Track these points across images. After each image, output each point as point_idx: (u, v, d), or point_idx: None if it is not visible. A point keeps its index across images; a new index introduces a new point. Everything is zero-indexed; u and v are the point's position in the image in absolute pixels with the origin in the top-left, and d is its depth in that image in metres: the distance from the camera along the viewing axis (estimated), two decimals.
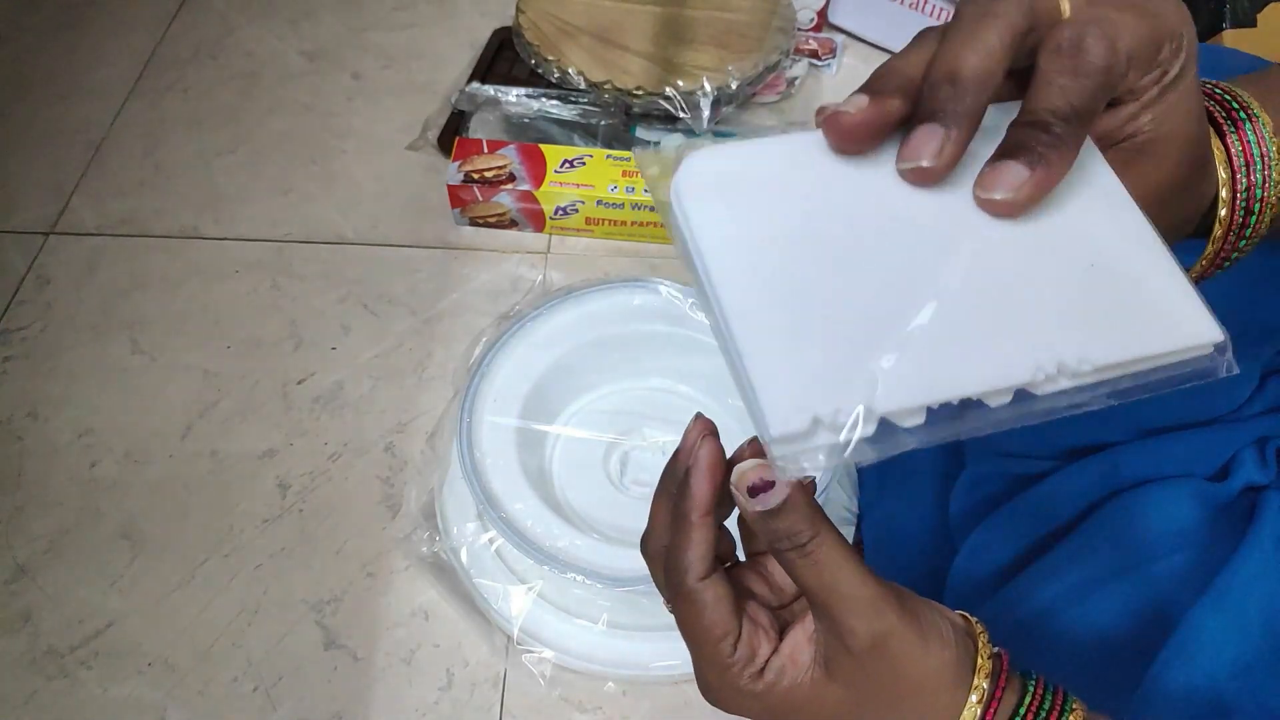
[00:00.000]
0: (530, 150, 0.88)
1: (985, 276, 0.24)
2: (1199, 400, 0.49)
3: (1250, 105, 0.32)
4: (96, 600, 0.66)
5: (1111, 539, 0.46)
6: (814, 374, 0.23)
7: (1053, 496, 0.50)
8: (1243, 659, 0.39)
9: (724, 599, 0.31)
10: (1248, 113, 0.31)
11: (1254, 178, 0.31)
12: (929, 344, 0.23)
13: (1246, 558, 0.41)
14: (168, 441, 0.74)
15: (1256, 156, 0.31)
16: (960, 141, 0.25)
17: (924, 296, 0.23)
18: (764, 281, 0.24)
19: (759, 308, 0.23)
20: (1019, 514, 0.51)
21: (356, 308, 0.83)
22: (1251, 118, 0.31)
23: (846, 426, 0.22)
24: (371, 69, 1.06)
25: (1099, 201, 0.26)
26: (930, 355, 0.23)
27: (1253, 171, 0.31)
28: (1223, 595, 0.41)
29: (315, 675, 0.63)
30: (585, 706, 0.62)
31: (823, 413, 0.22)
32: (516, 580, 0.64)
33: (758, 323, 0.23)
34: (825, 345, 0.23)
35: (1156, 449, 0.49)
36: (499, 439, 0.64)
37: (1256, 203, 0.31)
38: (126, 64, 1.04)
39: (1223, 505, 0.46)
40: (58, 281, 0.84)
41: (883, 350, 0.23)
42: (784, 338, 0.23)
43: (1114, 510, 0.47)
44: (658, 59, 0.92)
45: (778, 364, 0.23)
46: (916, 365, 0.23)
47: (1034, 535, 0.49)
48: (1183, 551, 0.44)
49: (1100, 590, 0.44)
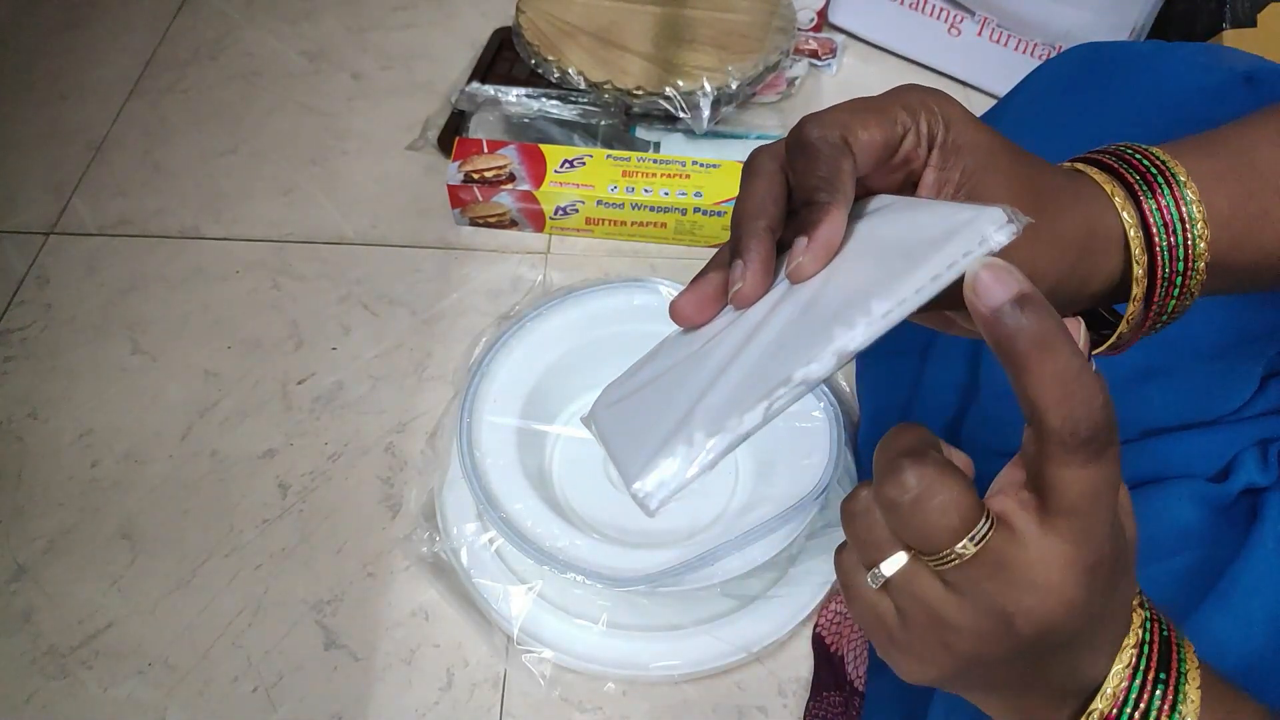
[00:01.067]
0: (530, 150, 0.88)
1: (792, 309, 0.28)
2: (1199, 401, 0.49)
3: (1170, 169, 0.31)
4: (96, 600, 0.66)
5: None
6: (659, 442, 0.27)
7: None
8: (1247, 661, 0.39)
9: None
10: (1166, 177, 0.31)
11: (1174, 239, 0.30)
12: (747, 368, 0.27)
13: (1250, 559, 0.41)
14: (168, 441, 0.74)
15: (1176, 222, 0.31)
16: (755, 267, 0.29)
17: (735, 349, 0.28)
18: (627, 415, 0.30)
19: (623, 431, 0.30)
20: None
21: (356, 308, 0.83)
22: (1172, 182, 0.31)
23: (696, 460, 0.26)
24: (371, 69, 1.06)
25: (881, 215, 0.29)
26: (748, 373, 0.27)
27: (1171, 234, 0.30)
28: (1226, 597, 0.41)
29: (315, 675, 0.63)
30: (585, 706, 0.62)
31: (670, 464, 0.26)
32: (516, 580, 0.64)
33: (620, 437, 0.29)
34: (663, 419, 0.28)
35: (1156, 450, 0.49)
36: (499, 439, 0.64)
37: (1180, 262, 0.31)
38: (127, 64, 1.04)
39: (1223, 506, 0.46)
40: (58, 281, 0.84)
41: (704, 394, 0.27)
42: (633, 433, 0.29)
43: None
44: (658, 59, 0.92)
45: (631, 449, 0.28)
46: (733, 389, 0.27)
47: None
48: (1184, 553, 0.44)
49: None
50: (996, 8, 1.00)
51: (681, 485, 0.26)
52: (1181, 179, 0.31)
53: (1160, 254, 0.31)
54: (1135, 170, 0.31)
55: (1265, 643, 0.40)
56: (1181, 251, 0.31)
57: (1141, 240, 0.30)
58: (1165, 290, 0.31)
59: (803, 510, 0.59)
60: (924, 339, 0.68)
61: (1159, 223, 0.30)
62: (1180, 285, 0.31)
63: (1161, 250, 0.31)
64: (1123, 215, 0.31)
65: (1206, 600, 0.41)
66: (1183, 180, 0.31)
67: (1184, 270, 0.31)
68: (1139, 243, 0.30)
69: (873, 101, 0.30)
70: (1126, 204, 0.31)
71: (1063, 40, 0.98)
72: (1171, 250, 0.31)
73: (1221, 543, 0.43)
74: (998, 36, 1.02)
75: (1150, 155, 0.32)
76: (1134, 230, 0.30)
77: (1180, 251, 0.31)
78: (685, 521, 0.65)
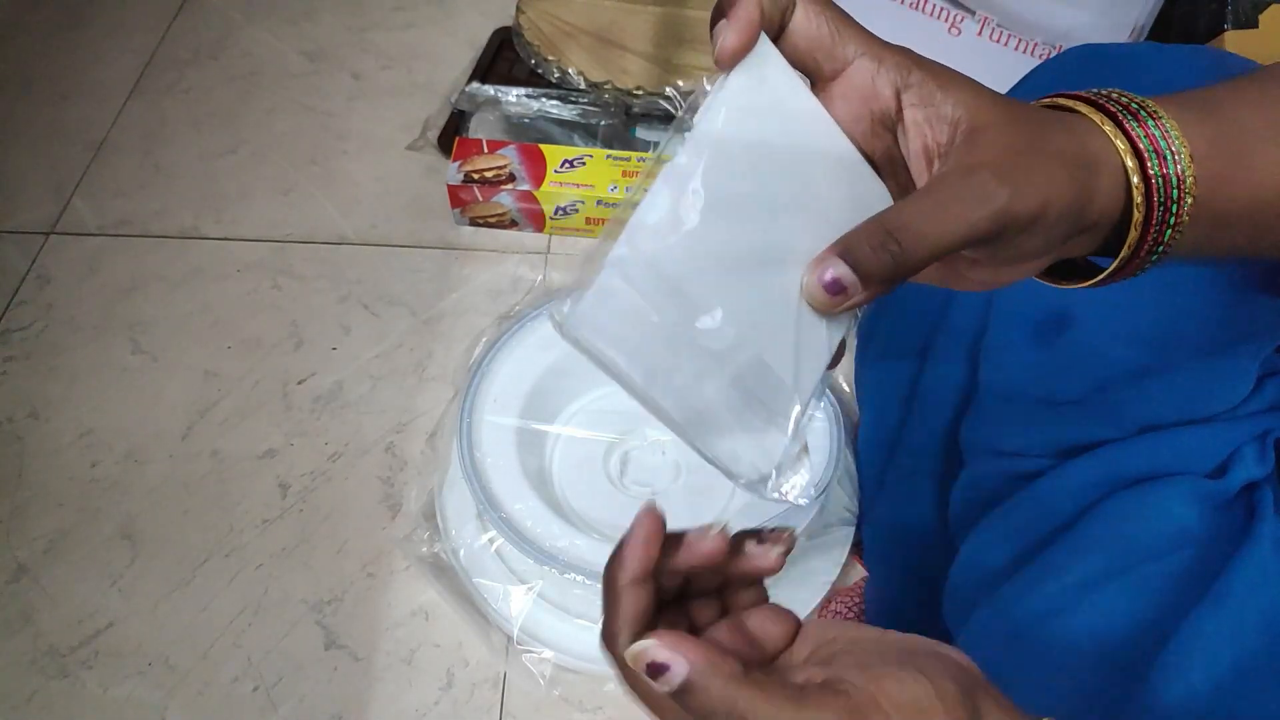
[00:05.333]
0: (530, 150, 0.88)
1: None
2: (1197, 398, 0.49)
3: (1150, 106, 0.31)
4: (97, 600, 0.66)
5: (1109, 538, 0.45)
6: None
7: (1051, 495, 0.50)
8: (1241, 662, 0.39)
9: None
10: (1148, 111, 0.31)
11: (1167, 170, 0.30)
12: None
13: (1246, 559, 0.41)
14: (168, 441, 0.74)
15: (1165, 150, 0.31)
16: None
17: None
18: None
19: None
20: (1017, 513, 0.51)
21: (356, 308, 0.83)
22: (1154, 116, 0.31)
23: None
24: (371, 69, 1.06)
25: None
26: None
27: (1164, 164, 0.30)
28: (1222, 598, 0.41)
29: (315, 675, 0.63)
30: (585, 706, 0.62)
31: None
32: (516, 580, 0.64)
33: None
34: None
35: (1154, 446, 0.48)
36: (499, 439, 0.64)
37: (1174, 189, 0.31)
38: (127, 64, 1.04)
39: (1221, 503, 0.46)
40: (58, 281, 0.84)
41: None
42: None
43: (1112, 509, 0.47)
44: (658, 59, 0.92)
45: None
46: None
47: (1032, 534, 0.49)
48: (1181, 551, 0.44)
49: (1099, 590, 0.44)
50: (997, 8, 1.00)
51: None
52: (1160, 113, 0.31)
53: (1155, 181, 0.30)
54: (1116, 104, 0.32)
55: (1259, 644, 0.40)
56: (1174, 180, 0.31)
57: (1137, 166, 0.30)
58: (1161, 217, 0.31)
59: (803, 511, 0.59)
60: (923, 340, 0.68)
61: (1149, 149, 0.30)
62: (1175, 214, 0.31)
63: (1155, 178, 0.30)
64: (1115, 143, 0.31)
65: (1201, 601, 0.41)
66: (1161, 114, 0.31)
67: (1177, 198, 0.31)
68: (1136, 170, 0.30)
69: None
70: (1117, 133, 0.31)
71: (1063, 40, 0.98)
72: (1165, 180, 0.31)
73: (1218, 541, 0.43)
74: (998, 36, 1.02)
75: (1126, 94, 0.32)
76: (1129, 158, 0.30)
77: (1173, 180, 0.31)
78: (684, 522, 0.65)
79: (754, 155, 0.27)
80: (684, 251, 0.26)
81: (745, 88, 0.27)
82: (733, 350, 0.27)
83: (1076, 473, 0.49)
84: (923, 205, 0.27)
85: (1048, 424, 0.52)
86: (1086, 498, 0.48)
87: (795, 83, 0.29)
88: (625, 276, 0.25)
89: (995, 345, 0.53)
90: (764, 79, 0.28)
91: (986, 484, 0.55)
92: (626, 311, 0.26)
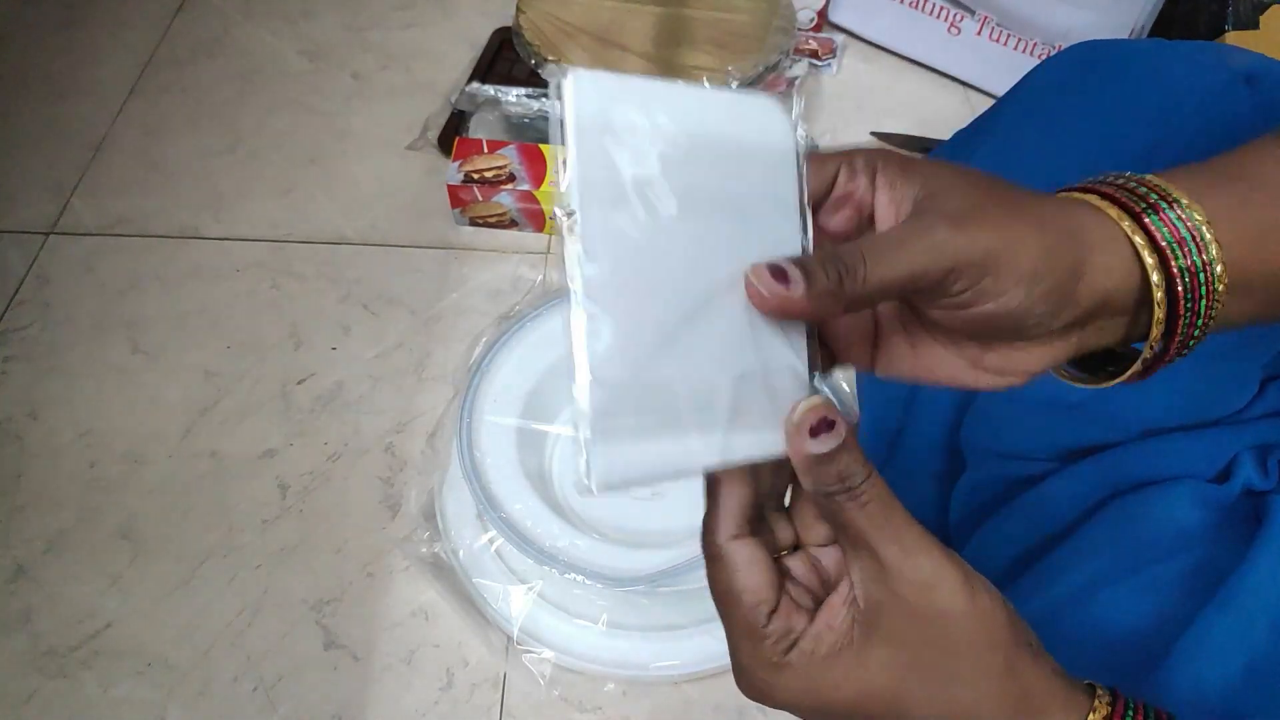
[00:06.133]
0: (530, 150, 0.88)
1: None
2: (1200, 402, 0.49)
3: (1165, 189, 0.29)
4: (96, 600, 0.66)
5: (1114, 540, 0.45)
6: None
7: (1053, 498, 0.50)
8: (1250, 663, 0.39)
9: (758, 563, 0.29)
10: (1165, 199, 0.29)
11: (1191, 260, 0.28)
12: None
13: (1256, 561, 0.41)
14: (168, 441, 0.74)
15: (1187, 238, 0.29)
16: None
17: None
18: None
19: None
20: (1019, 516, 0.51)
21: (356, 308, 0.83)
22: (1171, 203, 0.29)
23: None
24: (371, 69, 1.06)
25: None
26: None
27: (1188, 254, 0.29)
28: (1230, 599, 0.40)
29: (315, 675, 0.63)
30: (585, 706, 0.62)
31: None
32: (516, 580, 0.64)
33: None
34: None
35: (1156, 450, 0.48)
36: (499, 439, 0.64)
37: (1202, 287, 0.29)
38: (126, 63, 1.04)
39: (1225, 507, 0.46)
40: (57, 281, 0.84)
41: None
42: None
43: (1116, 512, 0.47)
44: (658, 59, 0.92)
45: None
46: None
47: (1034, 538, 0.49)
48: (1186, 553, 0.44)
49: (1104, 592, 0.44)
50: (997, 7, 1.00)
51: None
52: (1183, 200, 0.29)
53: (1180, 275, 0.28)
54: (1131, 194, 0.30)
55: (1269, 646, 0.40)
56: (1202, 275, 0.29)
57: (1156, 262, 0.29)
58: (1189, 317, 0.29)
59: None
60: None
61: (1169, 240, 0.28)
62: (1204, 309, 0.29)
63: (1180, 272, 0.28)
64: (1134, 239, 0.29)
65: (1210, 602, 0.41)
66: (1185, 202, 0.29)
67: (1205, 294, 0.29)
68: (1156, 266, 0.29)
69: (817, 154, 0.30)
70: (1131, 224, 0.29)
71: (1063, 40, 0.98)
72: (1192, 272, 0.29)
73: (1223, 543, 0.43)
74: (998, 36, 1.02)
75: (1143, 180, 0.30)
76: (1147, 253, 0.28)
77: (1200, 274, 0.29)
78: (684, 521, 0.65)
79: (646, 219, 0.26)
80: (644, 349, 0.26)
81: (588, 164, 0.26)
82: (722, 391, 0.28)
83: (1079, 476, 0.49)
84: (874, 241, 0.28)
85: (1050, 427, 0.52)
86: (1089, 501, 0.48)
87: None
88: (610, 416, 0.26)
89: None
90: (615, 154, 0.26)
91: (987, 487, 0.55)
92: (628, 436, 0.27)
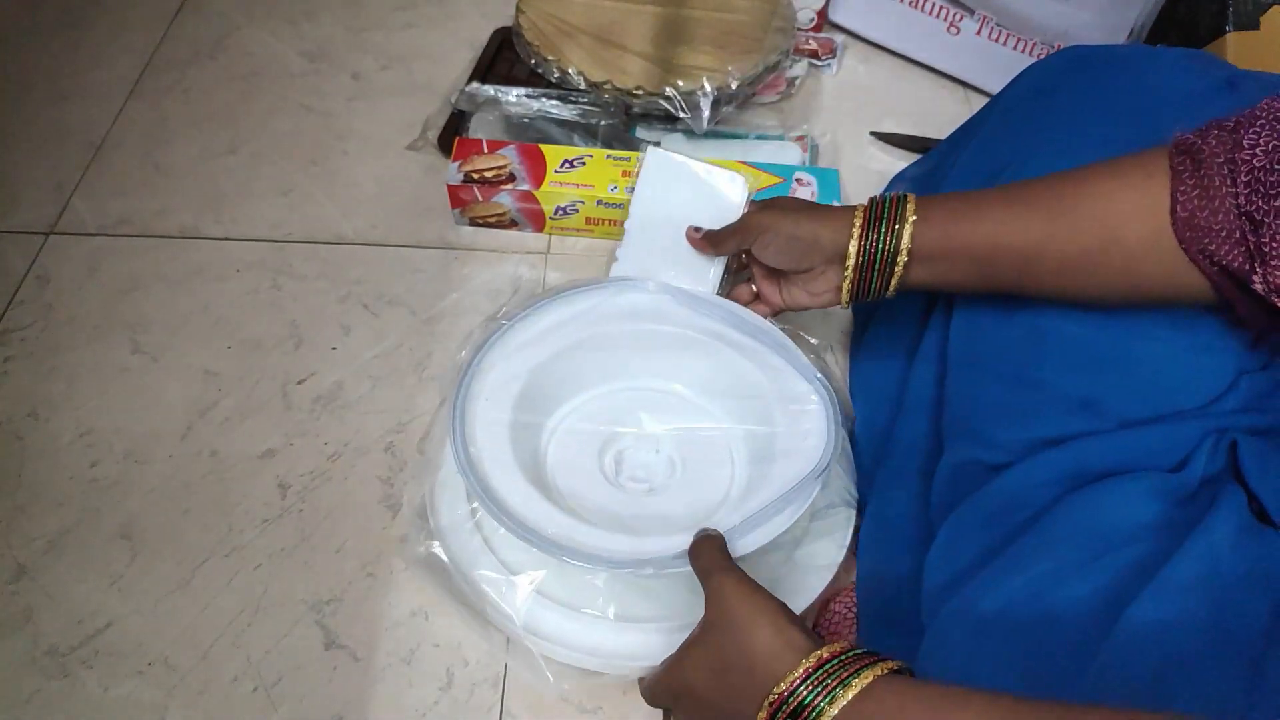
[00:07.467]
0: (530, 150, 0.88)
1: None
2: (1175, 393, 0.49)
3: (906, 199, 0.57)
4: (97, 600, 0.66)
5: (1074, 532, 0.46)
6: None
7: (1021, 488, 0.51)
8: (1184, 650, 0.40)
9: None
10: (899, 217, 0.56)
11: (876, 249, 0.57)
12: None
13: (1190, 551, 0.42)
14: (168, 441, 0.74)
15: (884, 231, 0.57)
16: None
17: None
18: None
19: None
20: (986, 506, 0.52)
21: (356, 308, 0.83)
22: (901, 221, 0.56)
23: None
24: (371, 69, 1.06)
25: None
26: None
27: (879, 235, 0.57)
28: (1167, 581, 0.41)
29: (315, 675, 0.63)
30: (586, 705, 0.62)
31: None
32: (515, 579, 0.64)
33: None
34: None
35: (1124, 441, 0.49)
36: (493, 435, 0.64)
37: (880, 255, 0.57)
38: (127, 64, 1.05)
39: (1183, 498, 0.47)
40: (58, 281, 0.84)
41: None
42: None
43: (1077, 503, 0.47)
44: (658, 59, 0.92)
45: None
46: None
47: (1003, 527, 0.50)
48: (1138, 544, 0.44)
49: (1063, 583, 0.45)
50: (996, 7, 1.00)
51: None
52: (911, 204, 0.57)
53: (864, 244, 0.58)
54: (886, 201, 0.58)
55: (1202, 633, 0.40)
56: (882, 245, 0.57)
57: (860, 235, 0.58)
58: (870, 271, 0.58)
59: (804, 490, 0.59)
60: (911, 342, 0.69)
61: (871, 221, 0.58)
62: (882, 265, 0.57)
63: (864, 253, 0.58)
64: (854, 223, 0.59)
65: (1146, 590, 0.41)
66: (911, 206, 0.57)
67: (881, 262, 0.57)
68: (856, 239, 0.58)
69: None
70: (861, 215, 0.59)
71: (1062, 40, 0.98)
72: (875, 243, 0.57)
73: (1176, 535, 0.44)
74: (997, 36, 1.02)
75: (904, 199, 0.57)
76: (854, 242, 0.58)
77: (880, 245, 0.57)
78: (684, 509, 0.65)
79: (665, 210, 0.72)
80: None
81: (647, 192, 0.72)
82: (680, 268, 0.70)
83: (1045, 466, 0.51)
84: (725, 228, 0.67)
85: (1023, 415, 0.53)
86: (1054, 492, 0.50)
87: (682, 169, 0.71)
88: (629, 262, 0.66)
89: (961, 324, 0.60)
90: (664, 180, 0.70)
91: (965, 478, 0.56)
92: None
